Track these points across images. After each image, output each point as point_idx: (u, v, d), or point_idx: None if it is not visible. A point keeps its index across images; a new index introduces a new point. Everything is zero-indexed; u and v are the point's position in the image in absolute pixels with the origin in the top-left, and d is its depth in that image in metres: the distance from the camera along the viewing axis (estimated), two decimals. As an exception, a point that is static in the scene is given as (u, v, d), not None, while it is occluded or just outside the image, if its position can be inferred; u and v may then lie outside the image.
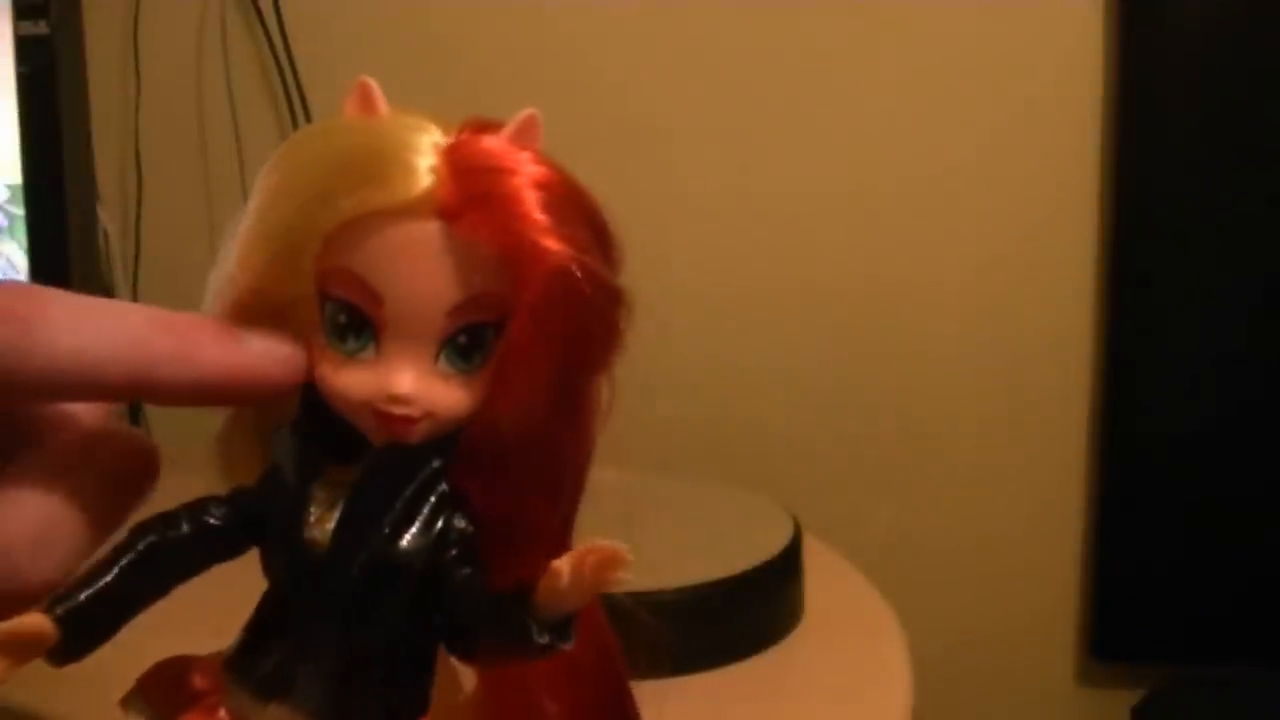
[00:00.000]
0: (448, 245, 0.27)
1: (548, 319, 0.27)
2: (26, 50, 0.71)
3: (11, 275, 0.73)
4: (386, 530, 0.27)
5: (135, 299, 0.94)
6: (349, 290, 0.27)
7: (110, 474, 0.29)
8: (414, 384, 0.27)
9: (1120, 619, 1.15)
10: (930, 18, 1.08)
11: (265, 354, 0.28)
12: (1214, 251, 1.09)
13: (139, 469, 0.29)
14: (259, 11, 1.07)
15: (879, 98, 1.09)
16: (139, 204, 1.09)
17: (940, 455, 1.13)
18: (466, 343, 0.27)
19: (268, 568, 0.29)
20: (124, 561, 0.27)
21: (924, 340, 1.12)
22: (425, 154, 0.27)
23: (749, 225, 1.11)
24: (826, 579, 0.72)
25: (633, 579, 0.24)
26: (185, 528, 0.29)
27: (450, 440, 0.28)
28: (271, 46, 1.07)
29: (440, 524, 0.28)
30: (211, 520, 0.29)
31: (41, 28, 0.74)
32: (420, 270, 0.27)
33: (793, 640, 0.66)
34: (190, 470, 0.30)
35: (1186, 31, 1.05)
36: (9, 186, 0.73)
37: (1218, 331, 1.09)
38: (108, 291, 0.89)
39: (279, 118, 1.09)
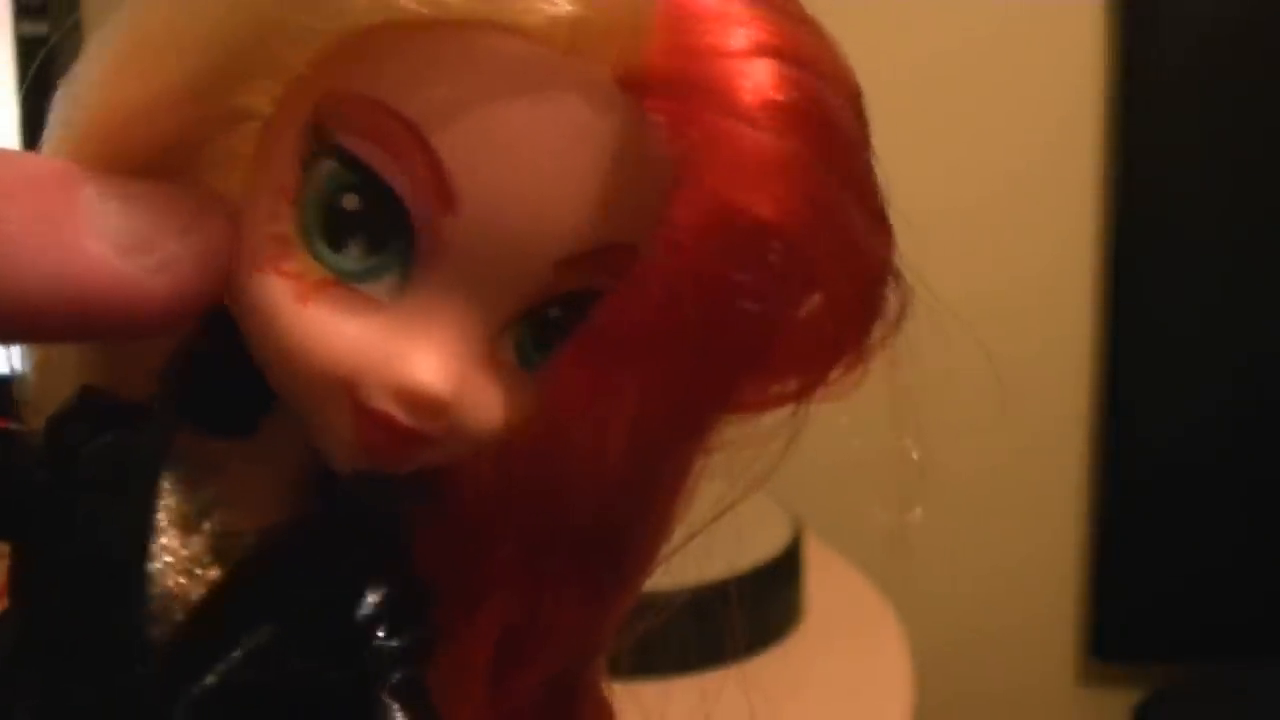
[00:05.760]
0: (617, 138, 0.14)
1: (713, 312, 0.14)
2: (26, 50, 0.71)
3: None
4: (299, 626, 0.15)
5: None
6: (390, 154, 0.14)
7: None
8: (451, 376, 0.14)
9: (1120, 619, 1.15)
10: (930, 18, 1.08)
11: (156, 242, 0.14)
12: (1214, 252, 1.08)
13: None
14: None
15: (878, 98, 1.09)
16: (139, 204, 1.09)
17: (940, 455, 1.13)
18: (561, 318, 0.15)
19: (29, 587, 0.15)
20: None
21: (924, 340, 1.12)
22: None
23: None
24: (826, 579, 0.72)
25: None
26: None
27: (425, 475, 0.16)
28: (271, 46, 1.07)
29: (388, 625, 0.15)
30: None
31: (41, 28, 0.74)
32: (551, 169, 0.14)
33: (793, 640, 0.66)
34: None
35: (1186, 31, 1.05)
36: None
37: (1218, 332, 1.09)
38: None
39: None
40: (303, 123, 0.14)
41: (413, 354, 0.14)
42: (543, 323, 0.15)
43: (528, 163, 0.13)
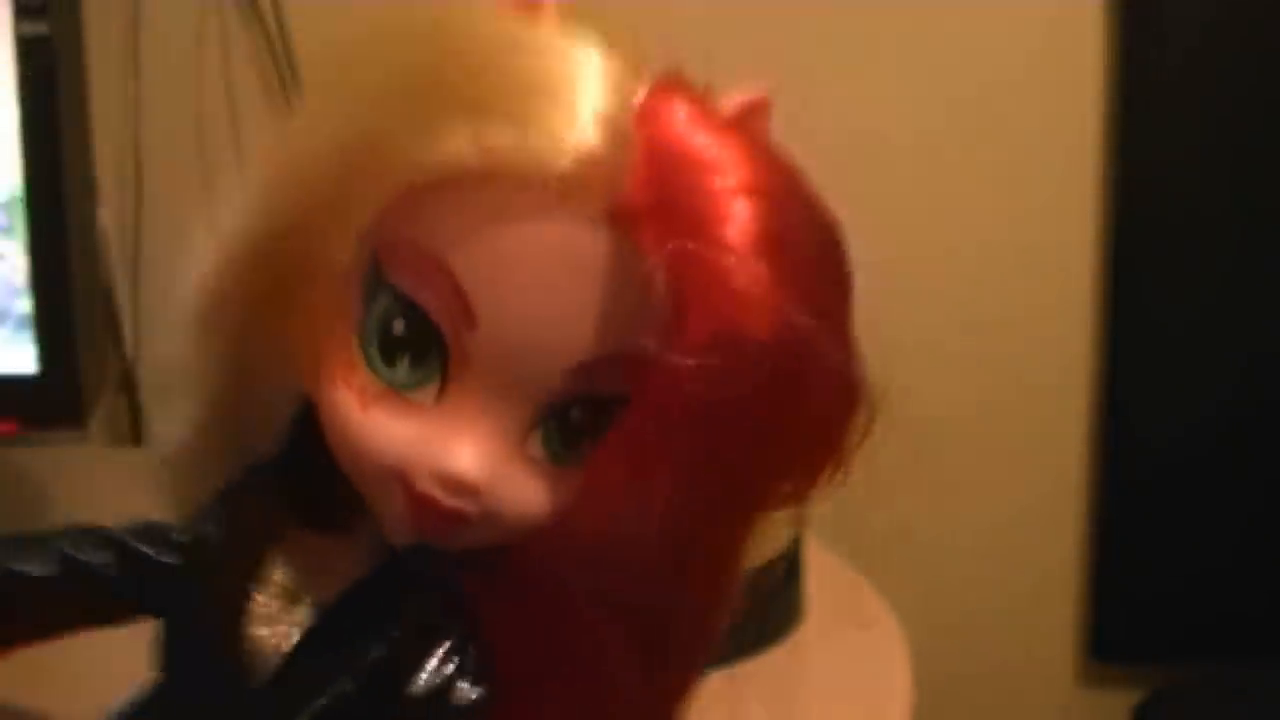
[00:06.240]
0: (608, 264, 0.16)
1: (733, 413, 0.17)
2: (26, 50, 0.71)
3: (10, 276, 0.73)
4: (364, 674, 0.18)
5: (135, 299, 0.93)
6: (425, 285, 0.17)
7: None
8: (484, 465, 0.17)
9: (1120, 619, 1.15)
10: (929, 18, 1.08)
11: None
12: (1214, 251, 1.08)
13: None
14: (259, 11, 1.07)
15: (878, 97, 1.09)
16: (139, 204, 1.09)
17: (940, 455, 1.13)
18: (580, 421, 0.17)
19: (166, 659, 0.20)
20: None
21: (924, 339, 1.12)
22: (610, 116, 0.16)
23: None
24: (826, 579, 0.72)
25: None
26: (48, 567, 0.19)
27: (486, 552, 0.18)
28: (271, 46, 1.07)
29: (439, 682, 0.18)
30: (89, 562, 0.20)
31: (41, 28, 0.74)
32: (549, 290, 0.16)
33: (793, 640, 0.66)
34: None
35: (1186, 31, 1.05)
36: (8, 187, 0.73)
37: (1218, 331, 1.09)
38: (107, 292, 0.89)
39: (279, 118, 1.09)
40: (365, 269, 0.17)
41: (452, 447, 0.17)
42: (566, 422, 0.17)
43: (533, 287, 0.16)
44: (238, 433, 0.20)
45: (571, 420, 0.17)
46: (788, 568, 0.68)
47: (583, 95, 0.16)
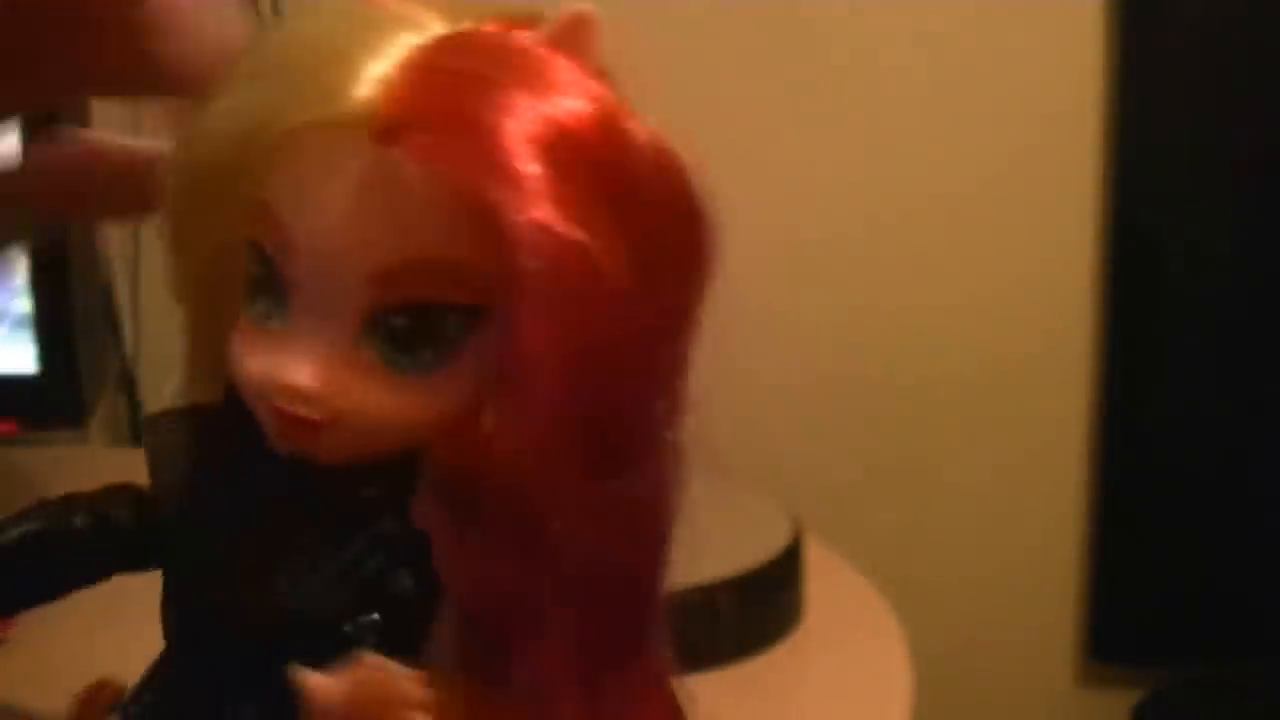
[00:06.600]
0: (380, 179, 0.19)
1: (548, 316, 0.18)
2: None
3: (10, 276, 0.73)
4: (279, 582, 0.20)
5: (135, 299, 0.93)
6: (263, 230, 0.20)
7: None
8: (315, 373, 0.19)
9: (1120, 620, 1.15)
10: (929, 21, 1.08)
11: None
12: (1214, 252, 1.08)
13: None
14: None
15: (878, 103, 1.09)
16: (139, 204, 1.09)
17: (941, 456, 1.13)
18: (407, 328, 0.19)
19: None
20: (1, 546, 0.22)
21: (925, 340, 1.12)
22: (387, 57, 0.19)
23: (751, 229, 1.10)
24: (826, 579, 0.72)
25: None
26: (79, 521, 0.22)
27: (404, 466, 0.20)
28: (271, 47, 1.08)
29: (361, 579, 0.20)
30: (114, 517, 0.23)
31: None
32: (335, 208, 0.19)
33: (793, 640, 0.66)
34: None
35: (1186, 31, 1.05)
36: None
37: (1218, 333, 1.09)
38: (107, 292, 0.89)
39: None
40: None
41: (289, 362, 0.20)
42: (391, 329, 0.19)
43: (331, 212, 0.19)
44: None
45: (395, 327, 0.19)
46: (788, 568, 0.68)
47: (370, 54, 0.19)
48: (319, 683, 0.19)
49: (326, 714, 0.19)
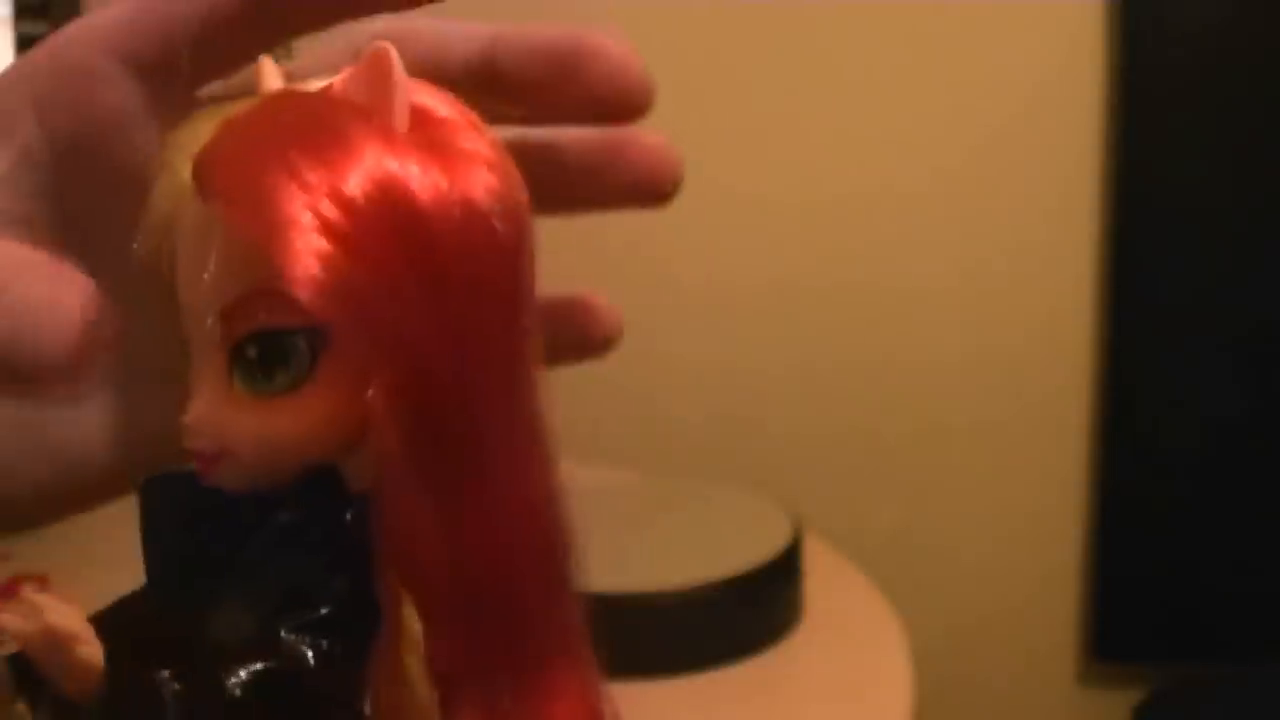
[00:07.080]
0: (209, 230, 0.21)
1: (354, 352, 0.20)
2: (27, 50, 0.71)
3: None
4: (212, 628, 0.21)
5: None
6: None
7: None
8: (197, 410, 0.21)
9: (1120, 619, 1.15)
10: (929, 18, 1.08)
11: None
12: (1214, 252, 1.08)
13: None
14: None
15: (878, 98, 1.09)
16: (139, 204, 1.09)
17: (941, 455, 1.13)
18: (258, 356, 0.21)
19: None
20: None
21: (925, 339, 1.12)
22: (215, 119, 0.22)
23: (750, 225, 1.11)
24: (826, 579, 0.72)
25: (633, 580, 0.21)
26: None
27: (324, 483, 0.22)
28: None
29: (285, 597, 0.21)
30: None
31: (42, 28, 0.74)
32: (188, 261, 0.22)
33: (793, 640, 0.66)
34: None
35: (1186, 31, 1.05)
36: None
37: (1218, 331, 1.09)
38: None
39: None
40: None
41: (188, 405, 0.22)
42: (246, 360, 0.21)
43: (186, 267, 0.22)
44: None
45: (249, 357, 0.21)
46: (788, 568, 0.68)
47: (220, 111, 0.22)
48: (6, 620, 0.19)
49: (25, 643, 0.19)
